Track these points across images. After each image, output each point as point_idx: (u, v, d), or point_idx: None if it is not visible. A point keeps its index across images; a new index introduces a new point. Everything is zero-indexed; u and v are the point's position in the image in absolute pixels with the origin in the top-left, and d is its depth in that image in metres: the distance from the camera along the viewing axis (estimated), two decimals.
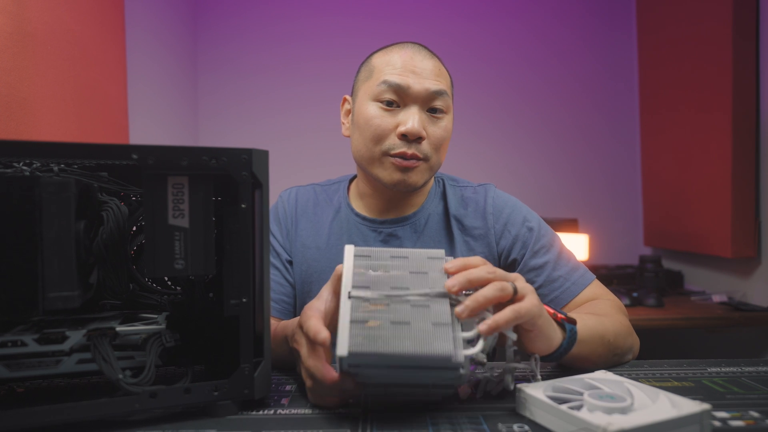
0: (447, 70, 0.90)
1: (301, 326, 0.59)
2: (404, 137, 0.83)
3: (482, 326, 0.51)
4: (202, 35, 2.36)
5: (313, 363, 0.56)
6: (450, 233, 0.92)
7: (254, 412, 0.56)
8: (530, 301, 0.56)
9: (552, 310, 0.63)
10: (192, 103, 2.31)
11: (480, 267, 0.57)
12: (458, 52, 2.37)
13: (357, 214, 0.95)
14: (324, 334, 0.55)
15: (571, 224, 2.15)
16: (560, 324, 0.63)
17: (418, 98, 0.83)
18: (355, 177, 1.00)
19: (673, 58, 2.05)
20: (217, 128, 2.37)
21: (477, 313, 0.53)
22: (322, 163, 2.29)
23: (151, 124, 1.82)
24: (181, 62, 2.17)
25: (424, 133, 0.83)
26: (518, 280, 0.58)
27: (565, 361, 0.67)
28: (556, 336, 0.61)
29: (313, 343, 0.56)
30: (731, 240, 1.71)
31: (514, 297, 0.56)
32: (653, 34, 2.21)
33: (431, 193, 0.96)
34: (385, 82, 0.83)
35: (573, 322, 0.64)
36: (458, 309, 0.52)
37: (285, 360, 0.72)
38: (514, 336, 0.56)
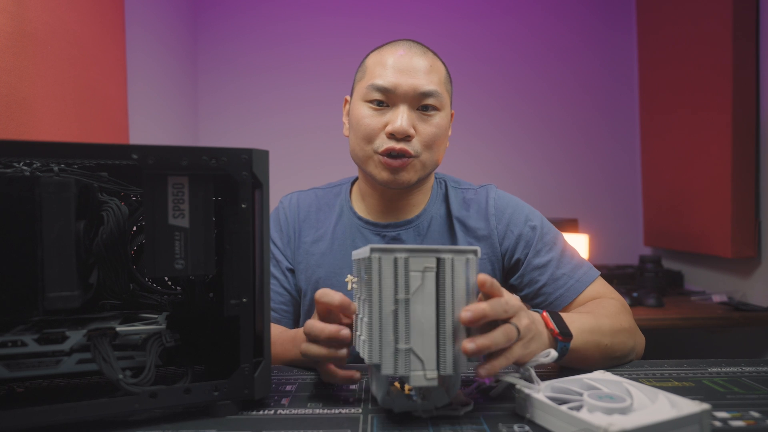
0: (443, 64, 0.90)
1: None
2: (392, 136, 0.84)
3: (482, 371, 0.53)
4: (202, 35, 2.36)
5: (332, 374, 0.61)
6: (453, 235, 0.92)
7: (254, 412, 0.56)
8: (521, 348, 0.56)
9: (551, 324, 0.64)
10: (192, 102, 2.31)
11: (493, 308, 0.54)
12: (458, 52, 2.37)
13: (360, 218, 0.94)
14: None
15: (571, 224, 2.15)
16: (555, 338, 0.64)
17: (406, 98, 0.84)
18: (356, 179, 1.00)
19: (673, 57, 2.05)
20: (217, 128, 2.37)
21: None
22: (322, 162, 2.29)
23: (151, 124, 1.82)
24: (181, 62, 2.17)
25: (412, 131, 0.84)
26: (520, 318, 0.57)
27: (558, 362, 0.69)
28: (545, 349, 0.61)
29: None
30: (731, 240, 1.71)
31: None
32: (653, 33, 2.21)
33: (433, 195, 0.96)
34: (372, 85, 0.85)
35: (568, 339, 0.64)
36: (467, 346, 0.51)
37: (296, 361, 0.75)
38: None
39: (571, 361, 0.69)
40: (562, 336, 0.64)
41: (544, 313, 0.65)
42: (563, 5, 2.39)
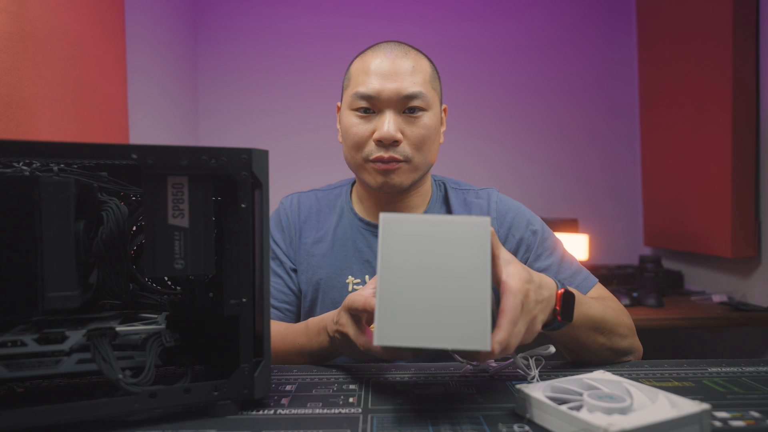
0: (428, 62, 0.89)
1: (346, 309, 0.64)
2: (380, 143, 0.83)
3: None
4: (202, 35, 2.36)
5: (364, 341, 0.62)
6: None
7: (254, 412, 0.56)
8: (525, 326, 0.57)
9: (559, 306, 0.62)
10: (192, 102, 2.31)
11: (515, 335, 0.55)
12: (458, 52, 2.37)
13: (361, 219, 0.94)
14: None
15: (571, 224, 2.15)
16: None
17: (390, 103, 0.83)
18: (355, 181, 1.00)
19: (673, 56, 2.05)
20: (217, 128, 2.37)
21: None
22: (322, 163, 2.29)
23: (151, 124, 1.82)
24: (181, 62, 2.17)
25: (399, 136, 0.83)
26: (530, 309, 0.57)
27: (552, 335, 0.70)
28: (551, 314, 0.62)
29: (359, 322, 0.62)
30: (731, 240, 1.71)
31: None
32: (653, 32, 2.21)
33: (433, 198, 0.96)
34: (356, 93, 0.84)
35: (569, 318, 0.63)
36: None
37: (315, 353, 0.75)
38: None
39: (569, 340, 0.71)
40: (560, 317, 0.63)
41: (559, 293, 0.63)
42: (563, 4, 2.39)
